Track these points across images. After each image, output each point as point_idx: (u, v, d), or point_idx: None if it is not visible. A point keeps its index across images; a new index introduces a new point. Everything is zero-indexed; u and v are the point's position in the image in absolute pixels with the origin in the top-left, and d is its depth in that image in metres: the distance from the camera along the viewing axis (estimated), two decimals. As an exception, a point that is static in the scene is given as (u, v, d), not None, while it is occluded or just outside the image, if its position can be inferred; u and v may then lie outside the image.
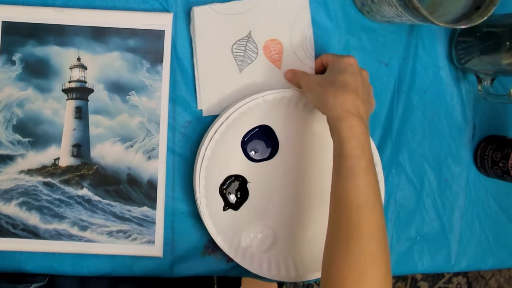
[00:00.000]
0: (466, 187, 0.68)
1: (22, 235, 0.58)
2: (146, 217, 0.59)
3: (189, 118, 0.61)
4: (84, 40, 0.58)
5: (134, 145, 0.59)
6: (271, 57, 0.61)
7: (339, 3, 0.63)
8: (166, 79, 0.59)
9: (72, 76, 0.59)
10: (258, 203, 0.62)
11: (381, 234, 0.49)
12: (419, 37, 0.66)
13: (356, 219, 0.48)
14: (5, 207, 0.58)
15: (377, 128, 0.66)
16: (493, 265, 0.70)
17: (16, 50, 0.58)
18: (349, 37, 0.64)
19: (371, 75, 0.64)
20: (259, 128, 0.61)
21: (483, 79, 0.64)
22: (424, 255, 0.67)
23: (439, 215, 0.68)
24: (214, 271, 0.63)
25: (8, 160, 0.58)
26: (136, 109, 0.59)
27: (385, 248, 0.49)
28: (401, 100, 0.66)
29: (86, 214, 0.59)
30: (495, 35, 0.59)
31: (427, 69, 0.66)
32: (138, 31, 0.59)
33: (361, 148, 0.50)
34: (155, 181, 0.60)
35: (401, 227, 0.67)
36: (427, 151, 0.67)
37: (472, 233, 0.69)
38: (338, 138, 0.51)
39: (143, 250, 0.60)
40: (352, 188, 0.49)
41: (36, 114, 0.58)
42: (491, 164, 0.66)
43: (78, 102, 0.59)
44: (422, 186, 0.67)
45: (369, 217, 0.49)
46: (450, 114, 0.67)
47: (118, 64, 0.59)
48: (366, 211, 0.49)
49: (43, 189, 0.59)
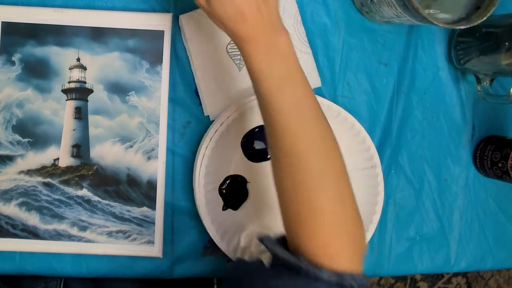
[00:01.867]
0: (466, 187, 0.68)
1: (22, 235, 0.58)
2: (146, 218, 0.59)
3: (188, 118, 0.61)
4: (83, 40, 0.58)
5: (133, 145, 0.59)
6: None
7: (338, 4, 0.63)
8: (166, 80, 0.59)
9: (71, 76, 0.59)
10: (258, 203, 0.62)
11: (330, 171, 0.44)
12: (419, 37, 0.66)
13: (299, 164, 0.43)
14: (5, 208, 0.58)
15: (376, 128, 0.66)
16: (493, 266, 0.70)
17: (15, 51, 0.58)
18: (349, 38, 0.64)
19: (371, 76, 0.65)
20: (259, 128, 0.61)
21: (483, 80, 0.64)
22: (424, 255, 0.67)
23: (439, 215, 0.68)
24: (214, 272, 0.63)
25: (7, 161, 0.58)
26: (135, 110, 0.59)
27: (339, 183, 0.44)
28: (401, 100, 0.66)
29: (86, 215, 0.59)
30: (495, 35, 0.59)
31: (427, 69, 0.66)
32: (137, 31, 0.59)
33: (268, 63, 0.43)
34: (155, 181, 0.60)
35: (401, 228, 0.67)
36: (427, 152, 0.67)
37: (471, 233, 0.69)
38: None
39: (143, 251, 0.60)
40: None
41: (35, 115, 0.58)
42: (490, 165, 0.66)
43: (77, 102, 0.59)
44: (421, 186, 0.67)
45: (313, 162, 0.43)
46: (449, 115, 0.67)
47: (118, 65, 0.59)
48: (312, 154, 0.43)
49: (43, 190, 0.59)
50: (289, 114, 0.43)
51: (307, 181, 0.43)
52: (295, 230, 0.43)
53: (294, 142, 0.43)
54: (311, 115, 0.44)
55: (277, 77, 0.44)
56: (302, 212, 0.43)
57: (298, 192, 0.43)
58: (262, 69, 0.44)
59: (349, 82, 0.65)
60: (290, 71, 0.44)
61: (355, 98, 0.65)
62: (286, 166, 0.44)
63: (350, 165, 0.63)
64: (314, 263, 0.41)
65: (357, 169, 0.63)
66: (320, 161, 0.43)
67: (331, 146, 0.45)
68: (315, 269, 0.40)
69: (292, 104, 0.44)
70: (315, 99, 0.45)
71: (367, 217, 0.62)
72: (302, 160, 0.43)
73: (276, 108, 0.44)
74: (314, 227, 0.42)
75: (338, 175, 0.44)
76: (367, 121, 0.65)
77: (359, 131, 0.61)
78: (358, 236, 0.44)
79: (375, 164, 0.62)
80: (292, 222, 0.44)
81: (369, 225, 0.62)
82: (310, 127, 0.44)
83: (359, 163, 0.63)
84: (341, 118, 0.61)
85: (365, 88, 0.65)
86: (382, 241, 0.66)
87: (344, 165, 0.45)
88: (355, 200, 0.44)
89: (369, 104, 0.65)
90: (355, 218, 0.44)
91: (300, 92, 0.44)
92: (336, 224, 0.42)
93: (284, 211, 0.45)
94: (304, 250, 0.42)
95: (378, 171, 0.62)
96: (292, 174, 0.43)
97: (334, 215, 0.42)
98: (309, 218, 0.42)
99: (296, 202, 0.43)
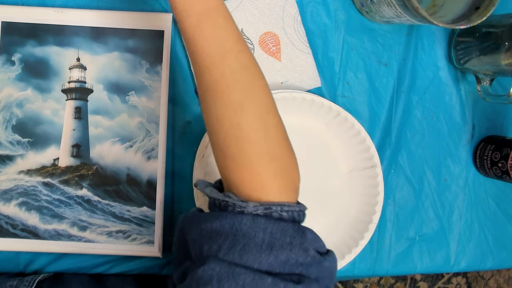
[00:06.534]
0: (465, 187, 0.68)
1: (22, 235, 0.58)
2: (146, 217, 0.59)
3: (188, 118, 0.61)
4: (83, 40, 0.58)
5: (133, 145, 0.59)
6: (269, 50, 0.61)
7: (338, 4, 0.63)
8: (166, 80, 0.59)
9: (71, 76, 0.59)
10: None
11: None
12: (419, 37, 0.66)
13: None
14: (5, 207, 0.58)
15: (376, 128, 0.66)
16: (493, 266, 0.70)
17: (15, 51, 0.58)
18: (349, 38, 0.64)
19: (371, 76, 0.65)
20: (259, 129, 0.61)
21: (482, 80, 0.64)
22: (424, 255, 0.67)
23: (438, 215, 0.68)
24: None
25: (7, 161, 0.58)
26: (135, 110, 0.59)
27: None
28: (401, 100, 0.66)
29: (86, 215, 0.59)
30: (494, 35, 0.59)
31: (427, 69, 0.66)
32: (137, 31, 0.59)
33: None
34: (155, 181, 0.60)
35: (400, 227, 0.67)
36: (426, 152, 0.67)
37: (471, 233, 0.69)
38: None
39: (143, 250, 0.60)
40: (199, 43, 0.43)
41: (35, 115, 0.58)
42: (490, 165, 0.66)
43: (77, 102, 0.59)
44: (421, 186, 0.67)
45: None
46: (449, 115, 0.68)
47: (118, 65, 0.59)
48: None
49: (43, 189, 0.59)
50: (210, 52, 0.42)
51: (230, 114, 0.42)
52: (224, 167, 0.43)
53: (216, 78, 0.42)
54: (233, 48, 0.43)
55: (196, 13, 0.43)
56: (227, 146, 0.42)
57: (223, 126, 0.42)
58: (181, 4, 0.43)
59: (349, 82, 0.65)
60: (210, 7, 0.43)
61: (355, 98, 0.65)
62: (209, 100, 0.43)
63: (350, 165, 0.64)
64: (242, 197, 0.40)
65: (357, 169, 0.63)
66: (242, 93, 0.42)
67: (254, 77, 0.44)
68: (241, 203, 0.40)
69: (212, 41, 0.43)
70: (237, 32, 0.44)
71: (367, 217, 0.62)
72: (225, 93, 0.42)
73: (197, 45, 0.43)
74: (239, 159, 0.41)
75: (262, 106, 0.43)
76: (367, 121, 0.65)
77: (359, 131, 0.61)
78: (288, 167, 0.43)
79: (375, 164, 0.62)
80: (220, 158, 0.43)
81: (369, 225, 0.62)
82: (231, 61, 0.43)
83: (359, 163, 0.63)
84: (341, 118, 0.61)
85: (365, 88, 0.65)
86: (381, 241, 0.66)
87: (269, 96, 0.44)
88: (284, 131, 0.44)
89: (369, 104, 0.65)
90: (282, 149, 0.43)
91: (222, 27, 0.43)
92: (262, 154, 0.41)
93: (214, 148, 0.44)
94: (233, 186, 0.42)
95: (378, 171, 0.62)
96: (216, 108, 0.43)
97: (259, 145, 0.41)
98: (234, 151, 0.41)
99: (222, 137, 0.42)
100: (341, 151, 0.63)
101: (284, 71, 0.62)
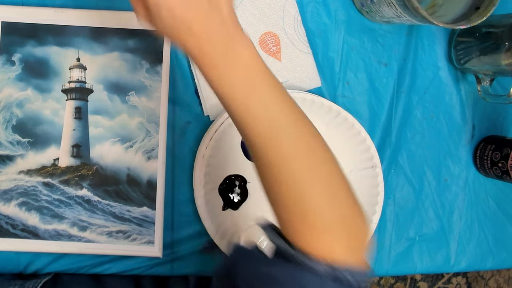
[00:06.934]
0: (465, 187, 0.68)
1: (22, 235, 0.58)
2: (146, 218, 0.59)
3: (188, 118, 0.61)
4: (83, 40, 0.58)
5: (133, 145, 0.59)
6: (269, 50, 0.61)
7: (338, 4, 0.63)
8: (166, 80, 0.59)
9: (71, 76, 0.59)
10: (258, 203, 0.62)
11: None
12: (419, 37, 0.66)
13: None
14: (5, 208, 0.58)
15: (376, 128, 0.66)
16: (493, 266, 0.70)
17: (15, 51, 0.58)
18: (349, 38, 0.64)
19: (371, 76, 0.65)
20: (259, 129, 0.61)
21: (482, 80, 0.64)
22: (424, 255, 0.67)
23: (438, 215, 0.68)
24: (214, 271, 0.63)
25: (7, 161, 0.58)
26: (135, 110, 0.59)
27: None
28: (401, 100, 0.66)
29: (86, 215, 0.59)
30: (494, 35, 0.59)
31: (427, 69, 0.66)
32: (137, 31, 0.59)
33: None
34: (155, 181, 0.60)
35: (400, 227, 0.67)
36: (426, 152, 0.67)
37: (471, 233, 0.69)
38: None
39: (143, 251, 0.60)
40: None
41: (35, 115, 0.58)
42: (490, 165, 0.66)
43: (77, 102, 0.59)
44: (421, 186, 0.67)
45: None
46: (449, 115, 0.68)
47: (118, 65, 0.59)
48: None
49: (43, 190, 0.59)
50: (265, 132, 0.39)
51: (295, 186, 0.40)
52: (288, 224, 0.42)
53: (280, 161, 0.40)
54: (292, 124, 0.40)
55: (241, 96, 0.38)
56: (293, 207, 0.41)
57: (288, 199, 0.40)
58: (222, 87, 0.38)
59: (349, 82, 0.65)
60: (255, 83, 0.38)
61: (355, 98, 0.65)
62: (272, 177, 0.41)
63: (350, 165, 0.64)
64: (304, 251, 0.40)
65: (357, 169, 0.63)
66: (307, 168, 0.40)
67: (319, 149, 0.42)
68: (309, 260, 0.39)
69: (266, 120, 0.38)
70: (293, 103, 0.41)
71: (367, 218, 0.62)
72: (290, 173, 0.40)
73: (250, 128, 0.39)
74: (308, 222, 0.40)
75: (328, 173, 0.41)
76: (367, 121, 0.65)
77: (359, 131, 0.61)
78: (358, 228, 0.42)
79: (375, 164, 0.62)
80: (283, 216, 0.42)
81: (369, 225, 0.62)
82: (291, 140, 0.40)
83: (359, 163, 0.63)
84: (341, 118, 0.61)
85: (365, 88, 0.65)
86: (382, 241, 0.66)
87: (334, 162, 0.42)
88: (351, 194, 0.42)
89: (369, 104, 0.65)
90: (353, 210, 0.42)
91: (273, 103, 0.39)
92: (334, 219, 0.40)
93: (273, 203, 0.43)
94: (297, 242, 0.41)
95: (378, 171, 0.62)
96: (279, 183, 0.40)
97: (330, 213, 0.40)
98: (302, 214, 0.40)
99: (289, 203, 0.41)
100: (341, 151, 0.63)
101: (284, 71, 0.62)
